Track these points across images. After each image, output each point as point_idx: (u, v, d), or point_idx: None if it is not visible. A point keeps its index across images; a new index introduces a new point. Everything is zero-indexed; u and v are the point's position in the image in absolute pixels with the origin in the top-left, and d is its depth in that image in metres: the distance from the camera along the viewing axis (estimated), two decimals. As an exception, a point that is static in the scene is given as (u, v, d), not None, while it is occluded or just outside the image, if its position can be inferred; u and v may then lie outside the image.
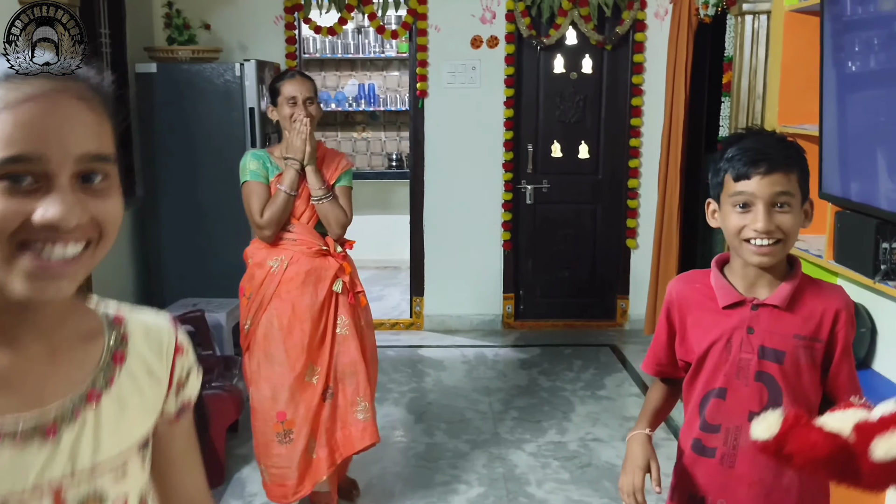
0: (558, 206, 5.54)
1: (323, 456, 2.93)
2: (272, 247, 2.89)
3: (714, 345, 1.61)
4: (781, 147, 1.54)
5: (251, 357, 2.92)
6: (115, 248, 3.83)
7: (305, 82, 2.92)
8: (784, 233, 1.51)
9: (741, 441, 1.60)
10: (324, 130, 7.83)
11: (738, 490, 1.61)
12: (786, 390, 1.56)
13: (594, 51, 5.38)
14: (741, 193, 1.52)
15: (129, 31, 4.81)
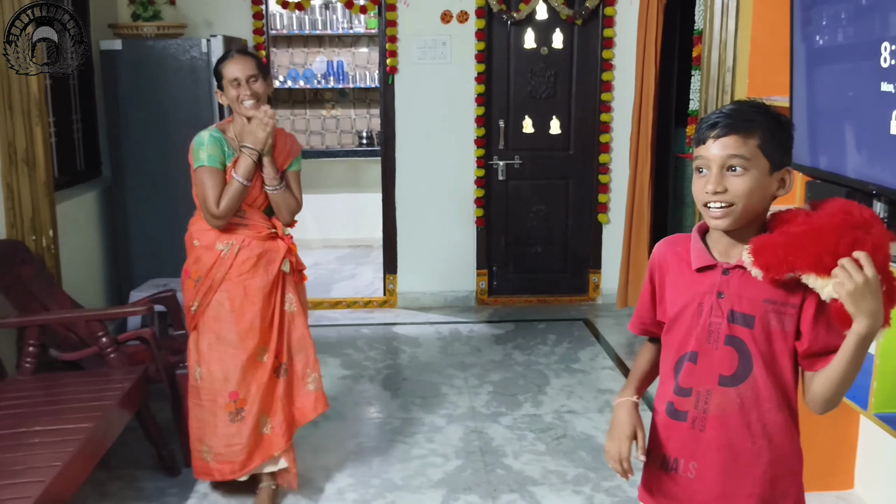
0: (530, 181, 5.55)
1: (279, 431, 2.97)
2: (220, 230, 2.86)
3: (686, 307, 1.63)
4: (747, 112, 1.54)
5: (200, 337, 2.91)
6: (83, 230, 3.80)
7: (247, 60, 2.85)
8: (735, 195, 1.51)
9: (711, 405, 1.61)
10: (293, 108, 7.76)
11: (707, 454, 1.63)
12: (756, 354, 1.57)
13: (565, 25, 5.37)
14: (699, 158, 1.56)
15: (93, 7, 4.72)
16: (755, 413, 1.59)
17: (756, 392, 1.59)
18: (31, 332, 3.14)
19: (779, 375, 1.59)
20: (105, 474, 3.22)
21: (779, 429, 1.61)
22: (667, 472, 1.69)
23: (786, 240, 1.49)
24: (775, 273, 1.50)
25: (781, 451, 1.62)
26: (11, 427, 2.72)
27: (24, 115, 3.47)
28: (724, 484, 1.63)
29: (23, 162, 3.50)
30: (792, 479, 1.65)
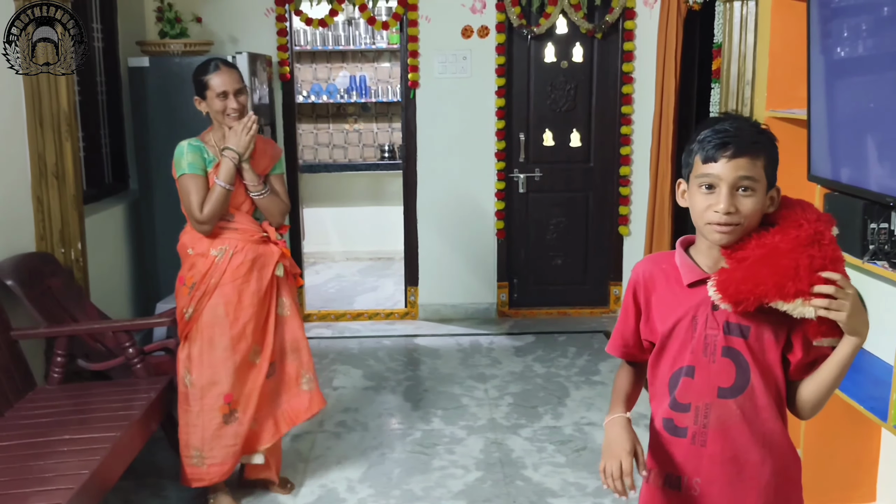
0: (551, 194, 5.57)
1: (266, 427, 3.06)
2: (213, 237, 2.92)
3: (679, 322, 1.63)
4: (751, 133, 1.57)
5: (191, 344, 2.95)
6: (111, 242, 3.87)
7: (233, 73, 2.92)
8: (743, 216, 1.54)
9: (711, 419, 1.61)
10: (316, 123, 7.85)
11: (711, 468, 1.63)
12: (753, 363, 1.59)
13: (584, 39, 5.41)
14: (707, 175, 1.56)
15: (121, 25, 4.83)
16: (755, 423, 1.60)
17: (755, 402, 1.59)
18: (60, 343, 3.21)
19: (773, 384, 1.60)
20: (131, 483, 3.28)
21: (778, 437, 1.62)
22: (671, 490, 1.68)
23: (745, 273, 1.53)
24: (745, 307, 1.53)
25: (783, 459, 1.64)
26: (41, 435, 2.79)
27: (54, 130, 3.56)
28: (730, 497, 1.63)
29: (52, 175, 3.58)
30: (792, 486, 1.67)
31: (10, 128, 3.45)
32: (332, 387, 4.39)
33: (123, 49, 4.84)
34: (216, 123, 2.97)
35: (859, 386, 2.56)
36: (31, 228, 3.59)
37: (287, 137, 5.49)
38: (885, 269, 2.41)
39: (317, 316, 5.66)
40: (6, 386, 3.06)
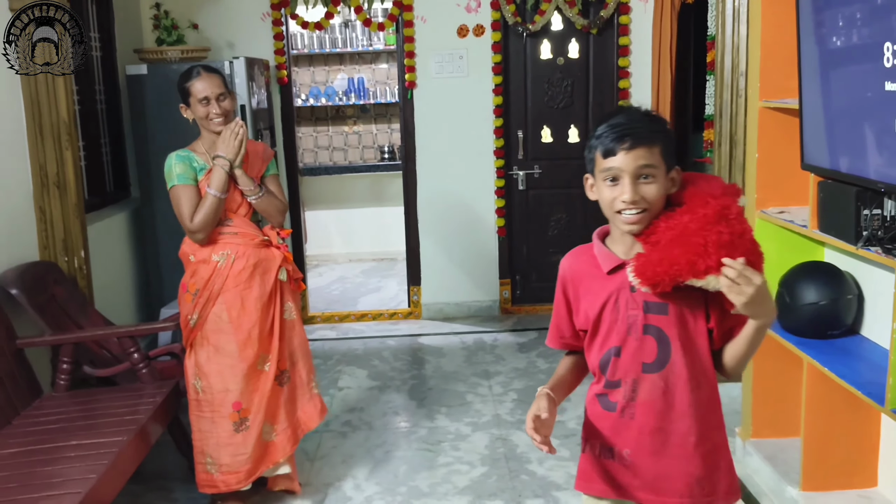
0: (550, 190, 5.60)
1: (284, 438, 3.05)
2: (214, 243, 2.92)
3: (605, 307, 1.73)
4: (645, 122, 1.67)
5: (198, 351, 2.96)
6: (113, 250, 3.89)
7: (214, 78, 2.91)
8: (648, 202, 1.64)
9: (639, 392, 1.71)
10: (315, 126, 7.88)
11: (640, 439, 1.73)
12: (674, 338, 1.68)
13: (580, 35, 5.43)
14: (609, 169, 1.65)
15: (118, 33, 4.86)
16: (679, 394, 1.69)
17: (678, 374, 1.69)
18: (66, 350, 3.25)
19: (697, 355, 1.70)
20: (139, 486, 3.31)
21: (703, 406, 1.71)
22: (606, 460, 1.78)
23: (659, 255, 1.61)
24: (663, 288, 1.62)
25: (708, 427, 1.73)
26: (48, 441, 2.82)
27: (54, 140, 3.59)
28: (659, 466, 1.72)
29: (54, 185, 3.61)
30: (721, 453, 1.76)
31: (11, 138, 3.49)
32: (338, 387, 4.42)
33: (121, 57, 4.87)
34: (203, 130, 2.97)
35: (857, 372, 2.58)
36: (34, 238, 3.62)
37: (287, 141, 5.52)
38: (879, 254, 2.42)
39: (321, 318, 5.69)
40: (13, 394, 3.09)
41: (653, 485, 1.74)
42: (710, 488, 1.73)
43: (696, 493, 1.72)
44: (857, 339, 2.87)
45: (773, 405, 3.26)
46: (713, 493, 1.74)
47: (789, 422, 3.21)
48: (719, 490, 1.74)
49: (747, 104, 3.39)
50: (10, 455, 2.74)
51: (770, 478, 3.08)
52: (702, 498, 1.73)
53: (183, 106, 2.96)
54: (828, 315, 2.83)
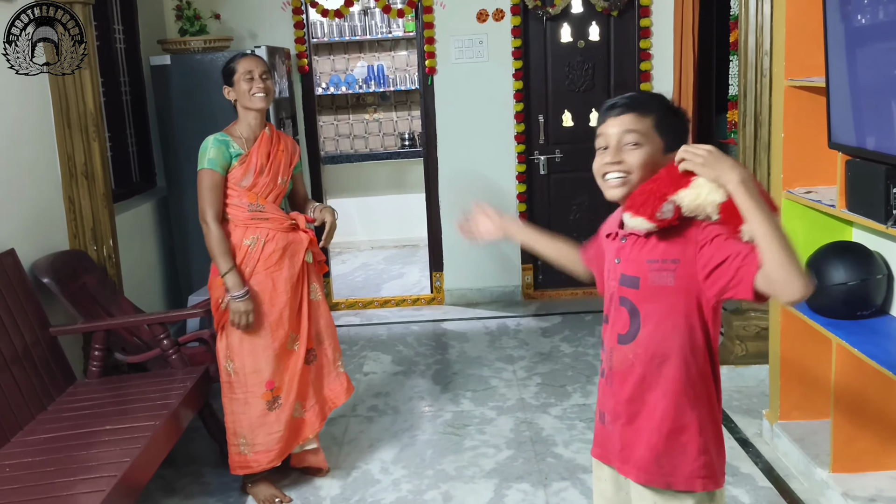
0: (572, 174, 5.58)
1: (313, 414, 3.13)
2: (244, 227, 2.98)
3: (602, 273, 1.83)
4: (644, 97, 1.73)
5: (229, 333, 3.01)
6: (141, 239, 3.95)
7: (259, 59, 3.02)
8: (630, 166, 1.66)
9: (614, 362, 1.75)
10: (336, 114, 7.90)
11: (616, 407, 1.77)
12: (644, 313, 1.69)
13: (600, 18, 5.40)
14: (600, 136, 1.72)
15: (142, 24, 4.90)
16: (647, 369, 1.70)
17: (646, 349, 1.69)
18: (97, 337, 3.30)
19: (669, 333, 1.67)
20: (171, 471, 3.36)
21: (672, 384, 1.68)
22: (600, 425, 1.84)
23: (648, 185, 1.64)
24: (651, 208, 1.60)
25: (676, 407, 1.70)
26: (83, 427, 2.87)
27: (81, 131, 3.64)
28: (627, 436, 1.75)
29: (82, 175, 3.66)
30: (688, 435, 1.70)
31: (39, 130, 3.53)
32: (363, 372, 4.46)
33: (145, 48, 4.91)
34: (240, 114, 3.03)
35: (887, 352, 2.56)
36: (64, 227, 3.68)
37: (308, 129, 5.55)
38: (909, 233, 2.41)
39: (345, 304, 5.73)
40: (47, 381, 3.15)
41: (621, 453, 1.77)
42: (670, 468, 1.71)
43: (653, 470, 1.72)
44: (887, 320, 2.85)
45: (801, 387, 3.25)
46: (672, 473, 1.71)
47: (818, 403, 3.20)
48: (679, 472, 1.71)
49: (772, 83, 3.36)
50: (46, 440, 2.79)
51: (799, 460, 3.07)
52: (659, 477, 1.71)
53: (226, 87, 3.02)
54: (857, 295, 2.81)
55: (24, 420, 2.92)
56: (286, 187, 3.10)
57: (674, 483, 1.71)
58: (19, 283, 3.18)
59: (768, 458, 3.24)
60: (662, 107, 1.70)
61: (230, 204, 2.97)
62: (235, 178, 2.96)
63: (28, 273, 3.29)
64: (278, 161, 3.05)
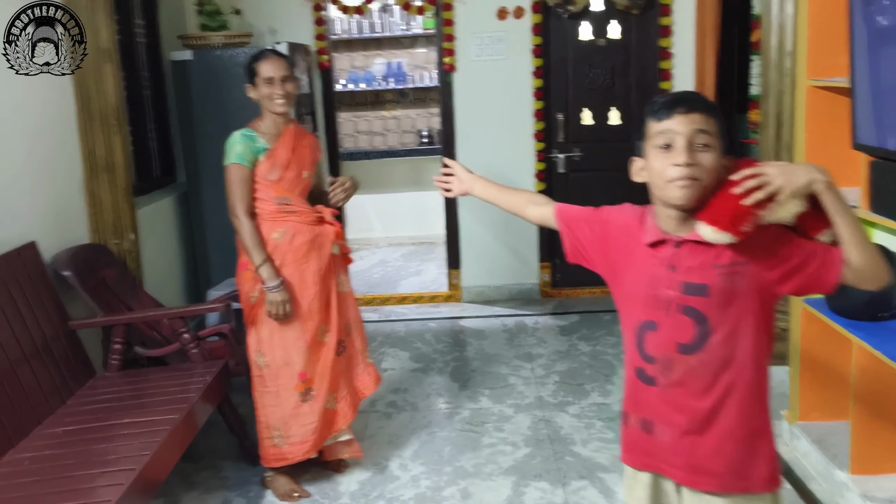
0: (591, 173, 5.56)
1: (346, 405, 3.16)
2: (272, 220, 3.01)
3: (641, 279, 1.70)
4: (702, 96, 1.63)
5: (260, 327, 3.04)
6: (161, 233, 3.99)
7: (280, 61, 3.03)
8: (703, 170, 1.57)
9: (674, 372, 1.67)
10: (355, 111, 7.91)
11: (676, 418, 1.69)
12: (714, 321, 1.62)
13: (621, 16, 5.37)
14: (663, 133, 1.59)
15: (163, 19, 4.92)
16: (716, 377, 1.64)
17: (715, 357, 1.63)
18: (117, 331, 3.32)
19: (740, 337, 1.63)
20: (191, 465, 3.38)
21: (743, 389, 1.65)
22: (645, 434, 1.76)
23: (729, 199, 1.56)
24: (739, 224, 1.54)
25: (748, 411, 1.67)
26: (102, 420, 2.89)
27: (103, 125, 3.66)
28: (694, 446, 1.69)
29: (103, 169, 3.68)
30: (761, 439, 1.69)
31: (62, 124, 3.56)
32: (381, 369, 4.46)
33: (166, 43, 4.93)
34: (264, 111, 3.06)
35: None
36: (85, 221, 3.70)
37: (327, 126, 5.56)
38: (934, 234, 2.38)
39: (363, 300, 5.74)
40: (67, 375, 3.17)
41: (687, 464, 1.70)
42: (746, 473, 1.68)
43: (729, 477, 1.68)
44: (909, 323, 2.82)
45: (821, 388, 3.22)
46: (748, 478, 1.68)
47: (838, 404, 3.17)
48: (756, 477, 1.68)
49: (794, 84, 3.33)
50: (66, 433, 2.81)
51: (818, 461, 3.05)
52: (735, 482, 1.68)
53: (249, 85, 3.06)
54: (878, 297, 2.78)
55: (44, 413, 2.94)
56: (310, 182, 3.15)
57: (751, 487, 1.68)
58: (39, 277, 3.20)
59: (787, 458, 3.22)
60: (720, 112, 1.63)
61: (258, 198, 3.01)
62: (262, 172, 3.00)
63: (48, 266, 3.31)
64: (301, 156, 3.09)
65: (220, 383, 3.26)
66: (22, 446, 2.72)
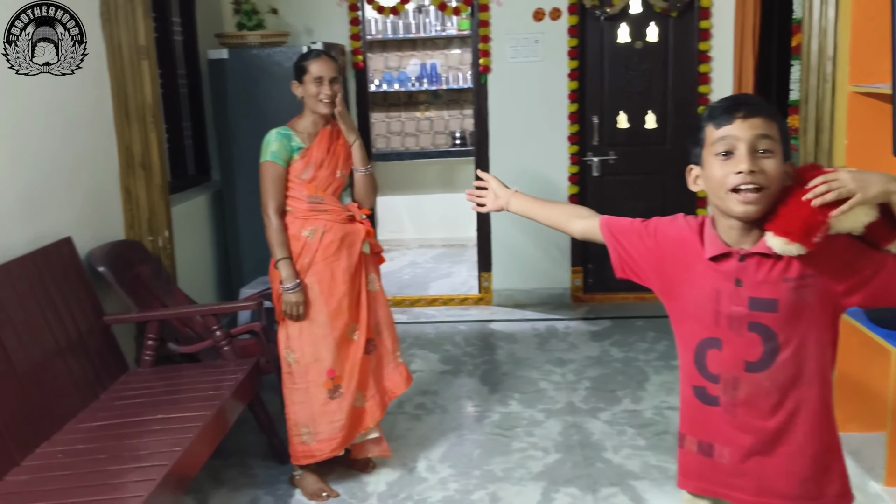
0: (626, 177, 5.51)
1: (374, 403, 3.17)
2: (304, 218, 3.04)
3: (702, 295, 1.62)
4: (761, 100, 1.56)
5: (290, 323, 3.06)
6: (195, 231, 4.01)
7: (330, 62, 3.07)
8: (767, 178, 1.50)
9: (740, 391, 1.60)
10: (388, 111, 7.92)
11: (742, 438, 1.63)
12: (782, 337, 1.56)
13: (659, 18, 5.32)
14: (723, 139, 1.52)
15: (200, 18, 4.96)
16: (786, 393, 1.58)
17: (785, 373, 1.57)
18: (151, 327, 3.34)
19: (808, 353, 1.57)
20: (220, 462, 3.39)
21: (813, 405, 1.59)
22: (703, 457, 1.69)
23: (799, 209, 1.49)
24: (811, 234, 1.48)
25: (818, 427, 1.61)
26: (135, 415, 2.91)
27: (140, 123, 3.69)
28: (761, 466, 1.62)
29: (139, 166, 3.72)
30: (833, 455, 1.63)
31: (99, 121, 3.59)
32: (411, 370, 4.43)
33: (203, 42, 4.97)
34: (307, 109, 3.09)
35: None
36: (121, 217, 3.73)
37: (360, 126, 5.56)
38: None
39: (392, 302, 5.73)
40: (101, 369, 3.19)
41: (755, 487, 1.64)
42: (817, 491, 1.62)
43: (800, 496, 1.62)
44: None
45: (857, 399, 3.16)
46: (820, 496, 1.62)
47: (875, 416, 3.11)
48: (828, 495, 1.63)
49: (835, 89, 3.27)
50: (98, 428, 2.84)
51: (853, 472, 2.95)
52: (806, 501, 1.62)
53: (295, 83, 3.10)
54: (921, 308, 2.72)
55: (78, 407, 2.97)
56: (344, 181, 3.17)
57: None
58: (75, 272, 3.23)
59: (824, 472, 3.16)
60: (780, 115, 1.55)
61: (290, 196, 3.04)
62: (296, 171, 3.03)
63: (84, 261, 3.34)
64: (337, 156, 3.11)
65: (251, 381, 3.27)
66: (55, 439, 2.75)
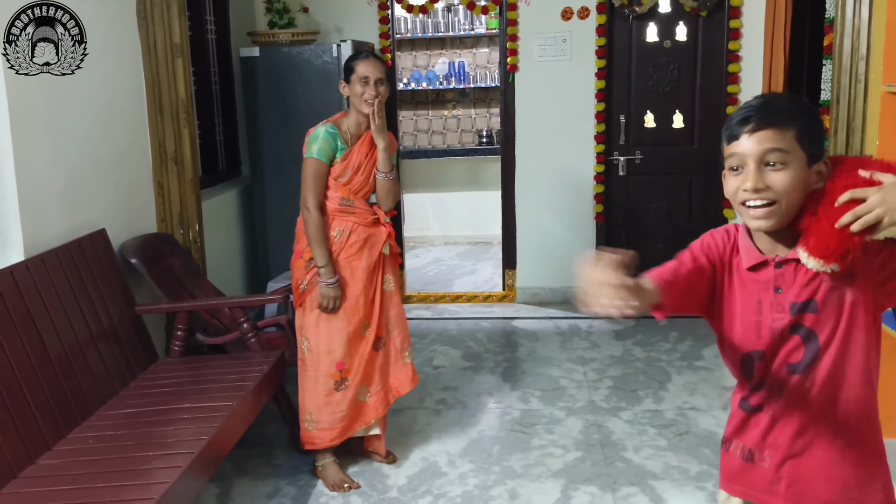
0: (652, 176, 5.50)
1: (378, 399, 3.23)
2: (332, 218, 3.11)
3: (747, 307, 1.59)
4: (778, 104, 1.50)
5: (307, 313, 3.15)
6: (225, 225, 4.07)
7: (378, 64, 3.11)
8: (776, 192, 1.47)
9: (783, 395, 1.59)
10: (416, 109, 7.96)
11: (783, 444, 1.61)
12: (824, 337, 1.53)
13: (688, 17, 5.30)
14: (733, 155, 1.50)
15: (233, 17, 5.03)
16: (829, 396, 1.55)
17: (828, 375, 1.54)
18: (180, 318, 3.41)
19: (851, 354, 1.54)
20: (244, 451, 3.45)
21: (856, 408, 1.56)
22: (744, 462, 1.68)
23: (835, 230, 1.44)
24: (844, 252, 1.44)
25: (861, 432, 1.58)
26: (163, 404, 2.97)
27: (173, 118, 3.76)
28: (802, 472, 1.60)
29: (172, 161, 3.78)
30: (877, 461, 1.60)
31: (133, 116, 3.66)
32: (433, 366, 4.49)
33: (235, 40, 5.04)
34: (352, 109, 3.14)
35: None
36: (153, 211, 3.80)
37: (389, 124, 5.57)
38: None
39: (416, 298, 5.77)
40: (131, 358, 3.26)
41: (795, 491, 1.62)
42: (860, 498, 1.59)
43: (841, 502, 1.59)
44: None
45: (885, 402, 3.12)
46: (862, 503, 1.59)
47: None
48: (871, 502, 1.59)
49: (867, 89, 3.25)
50: (127, 415, 2.90)
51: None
52: None
53: (342, 82, 3.16)
54: (948, 311, 2.70)
55: (108, 394, 3.04)
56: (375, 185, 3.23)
57: None
58: (109, 263, 3.30)
59: (847, 475, 3.14)
60: (803, 112, 1.49)
61: (325, 194, 3.11)
62: (335, 173, 3.10)
63: (117, 253, 3.42)
64: (373, 159, 3.17)
65: (276, 373, 3.32)
66: (86, 425, 2.81)
